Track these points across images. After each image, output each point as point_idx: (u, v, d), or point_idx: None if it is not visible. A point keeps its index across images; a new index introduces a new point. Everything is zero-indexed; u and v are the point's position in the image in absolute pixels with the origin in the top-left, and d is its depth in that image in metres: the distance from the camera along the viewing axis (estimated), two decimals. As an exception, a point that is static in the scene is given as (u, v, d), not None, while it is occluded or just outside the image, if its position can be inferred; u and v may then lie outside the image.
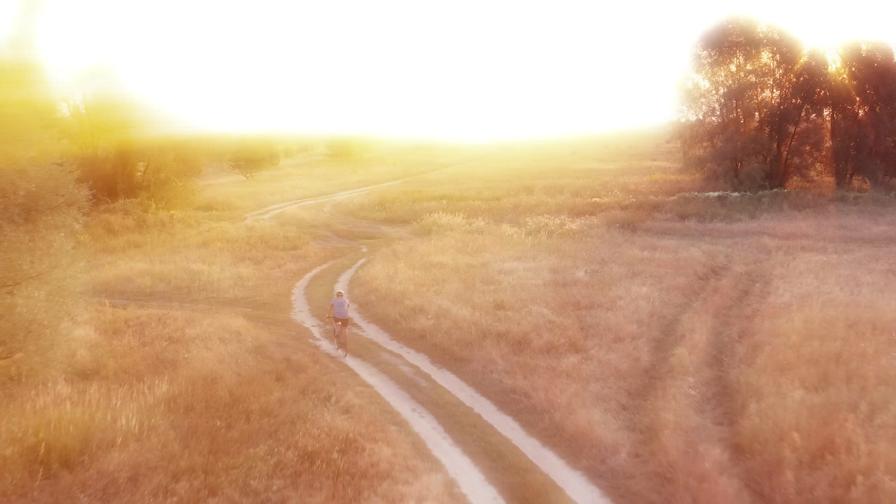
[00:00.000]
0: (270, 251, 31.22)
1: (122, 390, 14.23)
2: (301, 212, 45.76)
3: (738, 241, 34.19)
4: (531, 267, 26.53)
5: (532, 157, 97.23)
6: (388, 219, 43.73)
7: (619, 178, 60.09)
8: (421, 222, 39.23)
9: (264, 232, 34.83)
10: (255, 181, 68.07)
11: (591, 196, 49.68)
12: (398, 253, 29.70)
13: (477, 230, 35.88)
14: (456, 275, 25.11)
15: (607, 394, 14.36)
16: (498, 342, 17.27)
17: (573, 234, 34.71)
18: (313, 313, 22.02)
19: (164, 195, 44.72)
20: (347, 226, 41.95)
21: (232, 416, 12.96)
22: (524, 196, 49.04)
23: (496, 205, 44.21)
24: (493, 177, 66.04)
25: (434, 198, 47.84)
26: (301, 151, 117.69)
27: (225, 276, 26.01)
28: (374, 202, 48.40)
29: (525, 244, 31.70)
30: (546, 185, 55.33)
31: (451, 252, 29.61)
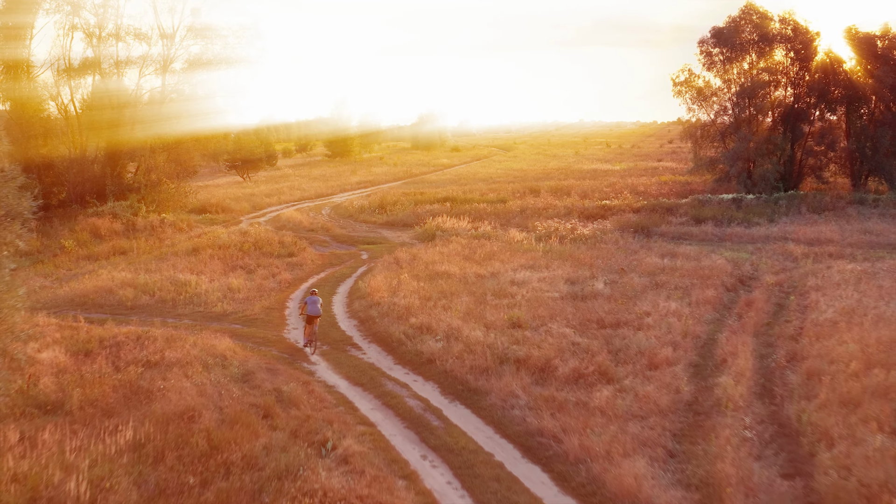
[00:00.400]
0: (264, 259, 29.03)
1: (84, 433, 12.09)
2: (298, 215, 43.59)
3: (760, 246, 32.07)
4: (545, 277, 24.37)
5: (535, 157, 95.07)
6: (389, 222, 41.56)
7: (627, 180, 57.96)
8: (424, 226, 37.07)
9: (258, 237, 32.65)
10: (251, 182, 65.87)
11: (600, 198, 47.54)
12: (401, 261, 27.54)
13: (483, 235, 33.72)
14: (464, 286, 22.95)
15: (650, 437, 12.20)
16: (517, 370, 15.10)
17: (586, 239, 32.57)
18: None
19: (156, 198, 42.52)
20: (347, 230, 39.77)
21: (209, 469, 10.79)
22: (531, 198, 46.89)
23: (502, 208, 42.05)
24: (497, 178, 63.88)
25: (437, 200, 45.68)
26: (300, 151, 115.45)
27: (214, 288, 23.82)
28: (374, 204, 46.24)
29: (536, 251, 29.55)
30: (552, 186, 53.18)
31: (457, 260, 27.45)
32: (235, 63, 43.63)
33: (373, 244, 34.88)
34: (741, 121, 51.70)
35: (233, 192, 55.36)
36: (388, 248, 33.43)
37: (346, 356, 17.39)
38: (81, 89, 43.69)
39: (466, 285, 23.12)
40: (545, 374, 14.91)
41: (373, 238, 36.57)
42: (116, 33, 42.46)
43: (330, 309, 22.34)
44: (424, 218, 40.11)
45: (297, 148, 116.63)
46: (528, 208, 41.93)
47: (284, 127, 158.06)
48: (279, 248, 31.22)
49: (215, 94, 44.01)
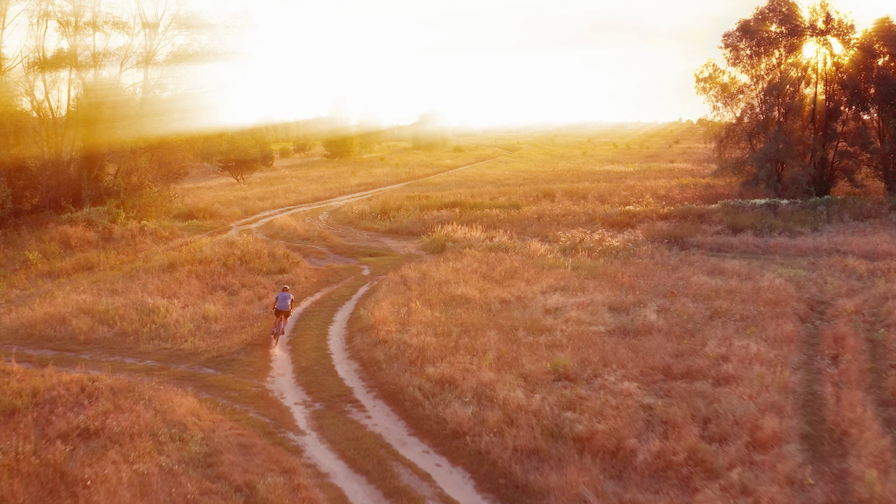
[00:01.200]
0: (251, 276, 24.80)
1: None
2: (293, 221, 39.39)
3: (813, 260, 27.89)
4: (583, 303, 20.20)
5: (542, 158, 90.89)
6: (392, 230, 37.36)
7: (645, 182, 53.81)
8: (432, 236, 32.86)
9: (246, 249, 28.42)
10: (245, 185, 61.63)
11: (620, 202, 43.41)
12: (409, 280, 23.35)
13: (500, 247, 29.55)
14: (488, 317, 18.77)
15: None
16: (580, 454, 10.91)
17: (616, 252, 28.40)
18: (299, 380, 15.61)
19: (136, 203, 38.26)
20: (346, 238, 35.57)
21: None
22: (546, 203, 42.73)
23: (517, 214, 37.85)
24: (506, 180, 59.70)
25: (444, 205, 41.47)
26: (298, 151, 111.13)
27: (187, 317, 19.59)
28: (375, 210, 42.03)
29: (564, 267, 25.37)
30: (566, 189, 49.01)
31: (474, 279, 23.27)
32: (225, 56, 39.42)
33: (375, 256, 30.69)
34: (770, 120, 47.58)
35: (224, 195, 51.11)
36: (392, 261, 29.25)
37: (344, 422, 13.16)
38: (57, 84, 39.53)
39: (491, 315, 18.94)
40: (620, 462, 10.73)
41: (375, 249, 32.36)
42: (94, 22, 38.18)
43: (325, 344, 18.15)
44: (432, 226, 35.91)
45: (296, 148, 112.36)
46: (544, 215, 37.74)
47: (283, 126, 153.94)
48: (269, 262, 27.00)
49: (203, 89, 39.78)
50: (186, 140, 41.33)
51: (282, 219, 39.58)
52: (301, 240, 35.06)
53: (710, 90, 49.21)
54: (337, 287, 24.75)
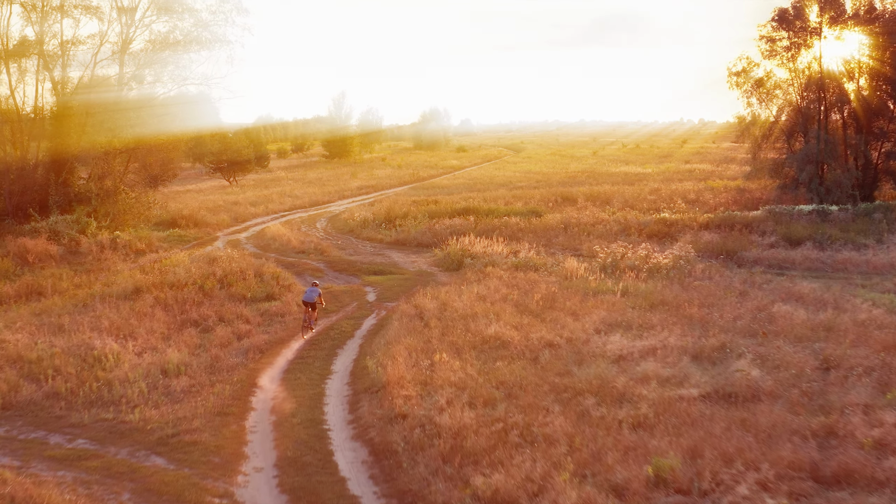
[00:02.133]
0: (231, 305, 20.02)
1: None
2: (287, 230, 34.65)
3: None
4: (653, 348, 15.48)
5: (551, 158, 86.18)
6: (399, 241, 32.61)
7: (670, 185, 49.12)
8: (446, 250, 28.12)
9: (229, 269, 23.66)
10: (238, 187, 56.85)
11: (648, 207, 38.76)
12: (425, 312, 18.62)
13: (528, 264, 24.84)
14: (538, 372, 14.03)
15: None
16: None
17: (667, 271, 23.71)
18: (284, 480, 10.74)
19: (110, 210, 33.46)
20: (347, 251, 30.84)
21: None
22: (569, 209, 38.05)
23: (539, 223, 33.11)
24: (518, 182, 54.97)
25: (456, 212, 36.72)
26: (296, 151, 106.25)
27: (142, 369, 14.83)
28: (379, 216, 37.29)
29: (611, 292, 20.66)
30: (587, 193, 44.30)
31: (507, 311, 18.54)
32: (211, 44, 34.64)
33: (381, 274, 25.96)
34: (811, 117, 42.90)
35: (213, 200, 46.31)
36: (402, 281, 24.53)
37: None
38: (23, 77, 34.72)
39: (539, 369, 14.19)
40: None
41: (380, 265, 27.60)
42: (62, 6, 33.40)
43: (321, 410, 13.37)
44: (444, 237, 31.19)
45: (294, 148, 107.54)
46: (571, 223, 33.03)
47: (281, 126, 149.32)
48: (255, 285, 22.25)
49: (186, 82, 35.01)
50: (169, 140, 36.56)
51: (275, 227, 34.81)
52: (295, 253, 30.32)
53: (743, 85, 44.54)
54: (337, 318, 19.99)
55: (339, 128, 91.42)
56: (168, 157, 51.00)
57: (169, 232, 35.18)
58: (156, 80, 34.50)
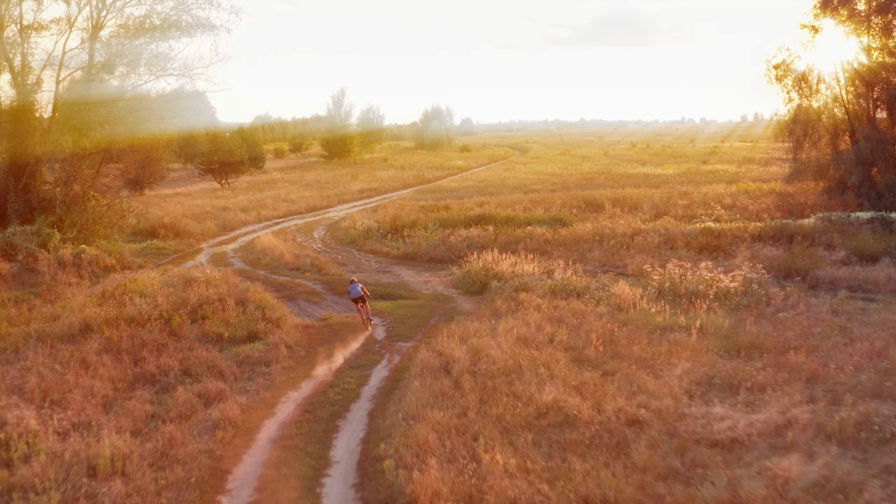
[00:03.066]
0: (202, 350, 15.43)
1: None
2: (280, 241, 30.13)
3: None
4: (776, 426, 10.96)
5: (561, 158, 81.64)
6: (408, 255, 28.10)
7: (699, 188, 44.61)
8: (466, 268, 23.61)
9: (205, 294, 19.11)
10: (229, 190, 52.28)
11: (684, 214, 34.28)
12: (453, 361, 14.09)
13: (568, 288, 20.30)
14: (631, 475, 9.50)
15: None
16: None
17: (738, 297, 19.22)
18: None
19: (77, 219, 28.91)
20: (348, 267, 26.33)
21: None
22: (598, 217, 33.55)
23: (568, 234, 28.56)
24: (532, 184, 50.42)
25: (471, 220, 32.17)
26: (294, 151, 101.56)
27: (60, 464, 10.28)
28: (384, 225, 32.77)
29: (681, 327, 16.17)
30: (612, 197, 39.80)
31: (560, 360, 14.00)
32: (193, 29, 30.02)
33: (390, 299, 21.43)
34: (858, 115, 38.45)
35: (201, 205, 41.72)
36: (416, 309, 20.03)
37: None
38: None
39: (634, 471, 9.65)
40: None
41: (388, 286, 23.07)
42: (21, -14, 28.83)
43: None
44: (461, 250, 26.74)
45: (292, 148, 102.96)
46: (605, 234, 28.50)
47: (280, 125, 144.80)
48: (236, 318, 17.71)
49: (164, 72, 30.37)
50: (149, 139, 31.97)
51: (266, 238, 30.23)
52: (289, 270, 25.80)
53: (783, 79, 40.06)
54: (337, 367, 15.44)
55: (338, 127, 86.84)
56: (151, 158, 46.51)
57: (146, 244, 30.64)
58: (130, 70, 29.87)
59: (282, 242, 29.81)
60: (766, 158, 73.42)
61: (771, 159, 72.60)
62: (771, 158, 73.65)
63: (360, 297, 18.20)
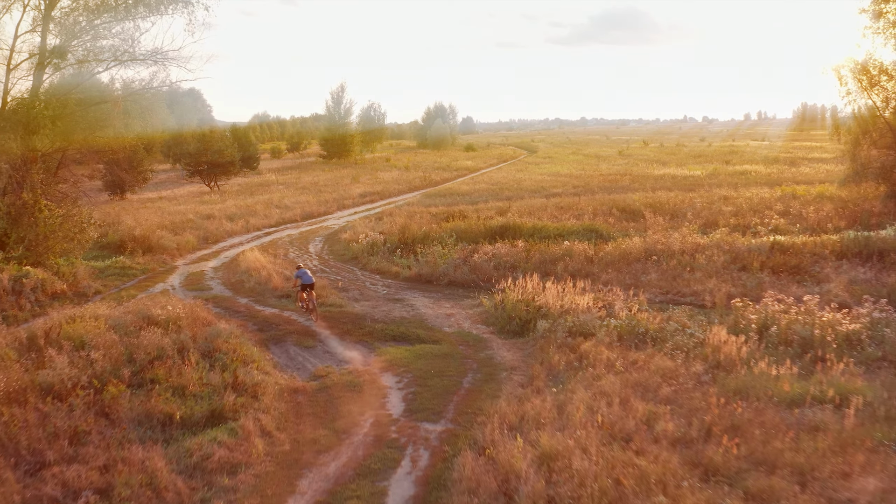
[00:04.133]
0: (135, 448, 10.42)
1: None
2: (269, 259, 25.06)
3: None
4: None
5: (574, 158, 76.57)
6: (422, 278, 23.03)
7: (742, 192, 39.59)
8: (498, 297, 18.53)
9: (160, 343, 14.06)
10: (218, 194, 47.18)
11: (734, 223, 29.26)
12: (513, 478, 9.12)
13: (640, 331, 15.26)
14: None
15: None
16: None
17: (865, 342, 14.22)
18: None
19: (25, 234, 23.78)
20: (350, 294, 21.23)
21: None
22: (640, 226, 28.50)
23: (614, 251, 23.49)
24: (550, 187, 45.33)
25: (493, 231, 27.10)
26: (292, 151, 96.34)
27: None
28: (392, 237, 27.72)
29: (823, 402, 11.20)
30: (646, 203, 34.77)
31: (676, 469, 9.07)
32: (164, 5, 24.87)
33: (405, 342, 16.37)
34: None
35: (183, 212, 36.63)
36: (440, 360, 14.96)
37: None
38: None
39: None
40: None
41: (402, 323, 17.98)
42: (-43, -46, 23.69)
43: None
44: (487, 272, 21.72)
45: (289, 147, 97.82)
46: (656, 250, 23.46)
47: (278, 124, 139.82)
48: (197, 383, 12.61)
49: (131, 57, 25.20)
50: (114, 139, 26.80)
51: (252, 255, 25.10)
52: (277, 297, 20.73)
53: (843, 72, 34.99)
54: (336, 468, 10.38)
55: (337, 125, 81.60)
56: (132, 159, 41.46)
57: (111, 261, 25.56)
58: (89, 55, 24.65)
59: (270, 260, 24.74)
60: (790, 158, 68.51)
61: (796, 159, 67.70)
62: (795, 158, 68.75)
63: (310, 285, 17.46)
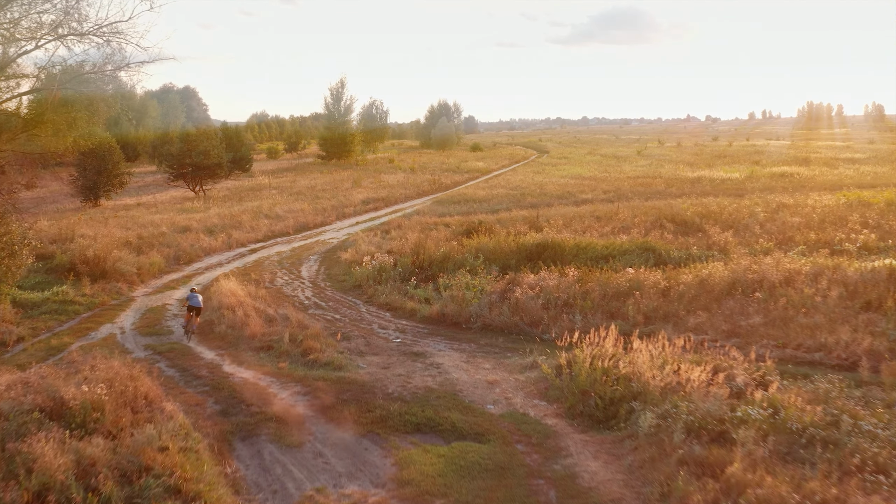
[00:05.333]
0: None
1: None
2: (249, 290, 19.48)
3: None
4: None
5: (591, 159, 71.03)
6: (447, 318, 17.39)
7: (798, 199, 34.05)
8: (561, 358, 12.98)
9: (49, 465, 8.58)
10: (202, 201, 41.60)
11: (816, 239, 23.77)
12: None
13: (796, 429, 9.79)
14: None
15: None
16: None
17: None
18: None
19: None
20: (352, 345, 15.63)
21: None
22: (702, 242, 22.94)
23: (694, 283, 17.88)
24: (578, 192, 39.70)
25: (530, 251, 21.51)
26: (290, 151, 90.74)
27: None
28: (403, 258, 22.16)
29: None
30: (699, 211, 29.22)
31: None
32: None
33: (435, 436, 10.76)
34: None
35: (156, 223, 31.00)
36: (494, 480, 9.34)
37: None
38: None
39: None
40: None
41: (427, 397, 12.37)
42: None
43: None
44: (536, 314, 16.16)
45: (287, 147, 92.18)
46: (745, 279, 17.90)
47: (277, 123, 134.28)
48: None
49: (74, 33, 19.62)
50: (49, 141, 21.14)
51: (228, 286, 19.41)
52: (255, 350, 15.12)
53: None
54: None
55: (337, 123, 75.93)
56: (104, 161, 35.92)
57: (51, 291, 19.96)
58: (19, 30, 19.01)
59: (251, 292, 19.14)
60: (821, 158, 63.04)
61: (828, 159, 62.21)
62: (827, 158, 63.28)
63: (197, 309, 16.24)
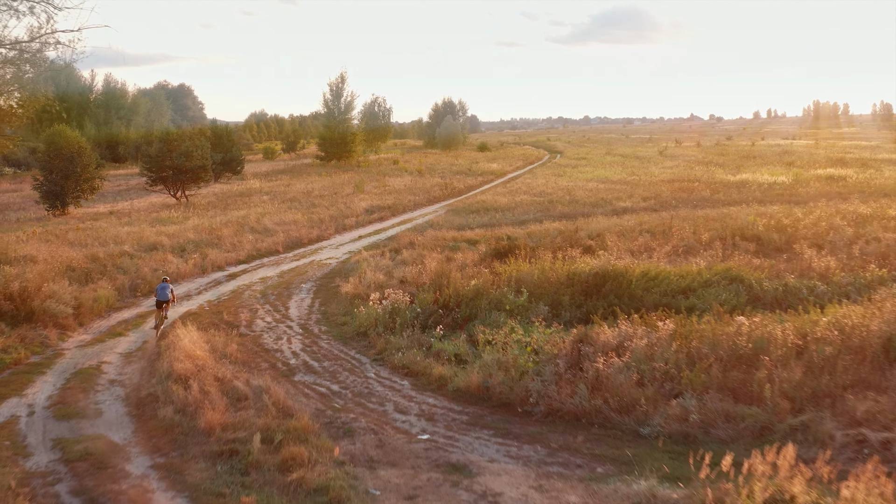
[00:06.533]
0: None
1: None
2: (216, 339, 14.21)
3: None
4: None
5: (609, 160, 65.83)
6: (492, 395, 12.05)
7: (876, 210, 28.82)
8: (707, 496, 7.75)
9: None
10: (183, 208, 36.32)
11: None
12: None
13: None
14: None
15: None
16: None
17: None
18: None
19: None
20: (359, 442, 10.39)
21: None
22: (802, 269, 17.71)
23: (836, 339, 12.63)
24: (611, 198, 34.27)
25: (587, 284, 16.27)
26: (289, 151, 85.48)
27: None
28: (422, 292, 16.90)
29: None
30: (769, 224, 24.00)
31: None
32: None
33: None
34: None
35: (122, 238, 25.67)
36: None
37: None
38: None
39: None
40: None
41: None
42: None
43: None
44: (626, 392, 10.86)
45: (285, 147, 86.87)
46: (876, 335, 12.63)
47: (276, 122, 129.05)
48: None
49: None
50: None
51: (188, 339, 14.17)
52: (207, 458, 9.73)
53: None
54: None
55: (337, 122, 70.58)
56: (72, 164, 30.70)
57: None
58: None
59: (216, 349, 13.81)
60: (858, 159, 57.80)
61: (866, 160, 56.96)
62: (864, 159, 58.01)
63: (165, 302, 15.57)
